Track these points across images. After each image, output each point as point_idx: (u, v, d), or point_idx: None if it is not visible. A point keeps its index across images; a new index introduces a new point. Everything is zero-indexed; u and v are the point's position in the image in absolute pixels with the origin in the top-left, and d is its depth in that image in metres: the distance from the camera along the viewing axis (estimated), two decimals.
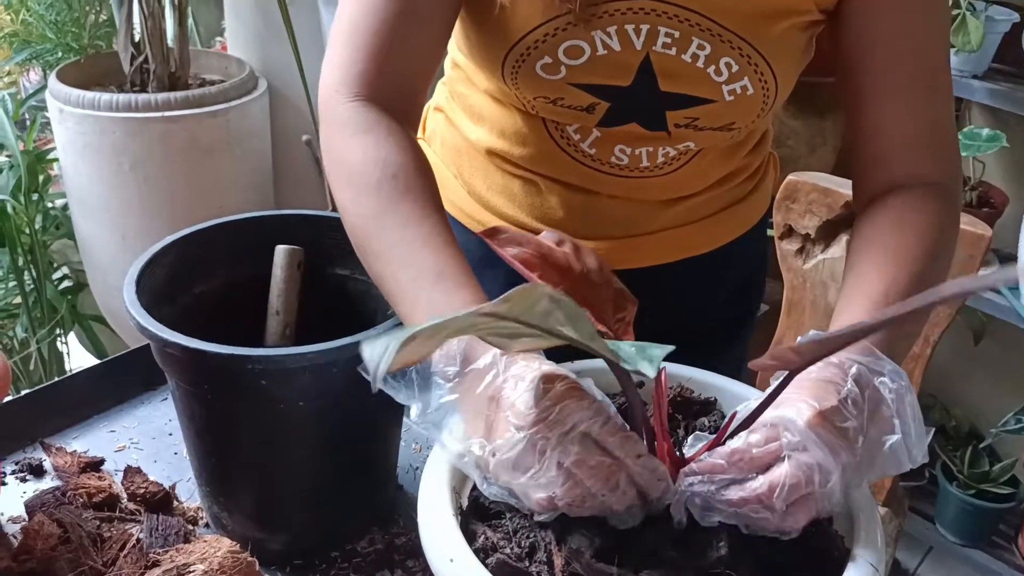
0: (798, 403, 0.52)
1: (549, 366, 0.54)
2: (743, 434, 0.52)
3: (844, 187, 1.30)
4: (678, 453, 0.55)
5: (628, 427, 0.52)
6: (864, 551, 0.51)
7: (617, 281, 0.57)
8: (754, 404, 0.54)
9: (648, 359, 0.46)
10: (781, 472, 0.50)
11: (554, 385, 0.51)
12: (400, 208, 0.65)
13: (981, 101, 1.74)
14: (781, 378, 0.52)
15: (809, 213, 1.33)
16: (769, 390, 0.53)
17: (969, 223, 1.17)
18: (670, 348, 0.47)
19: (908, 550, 2.02)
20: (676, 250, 0.89)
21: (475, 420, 0.54)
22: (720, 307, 0.96)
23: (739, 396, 0.63)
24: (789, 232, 1.36)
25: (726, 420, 0.55)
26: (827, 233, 1.34)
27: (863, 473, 0.53)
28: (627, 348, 0.47)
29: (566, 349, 0.50)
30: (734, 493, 0.50)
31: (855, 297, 0.64)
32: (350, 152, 0.69)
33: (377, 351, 0.40)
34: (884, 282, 0.64)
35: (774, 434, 0.51)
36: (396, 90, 0.72)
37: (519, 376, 0.53)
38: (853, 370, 0.54)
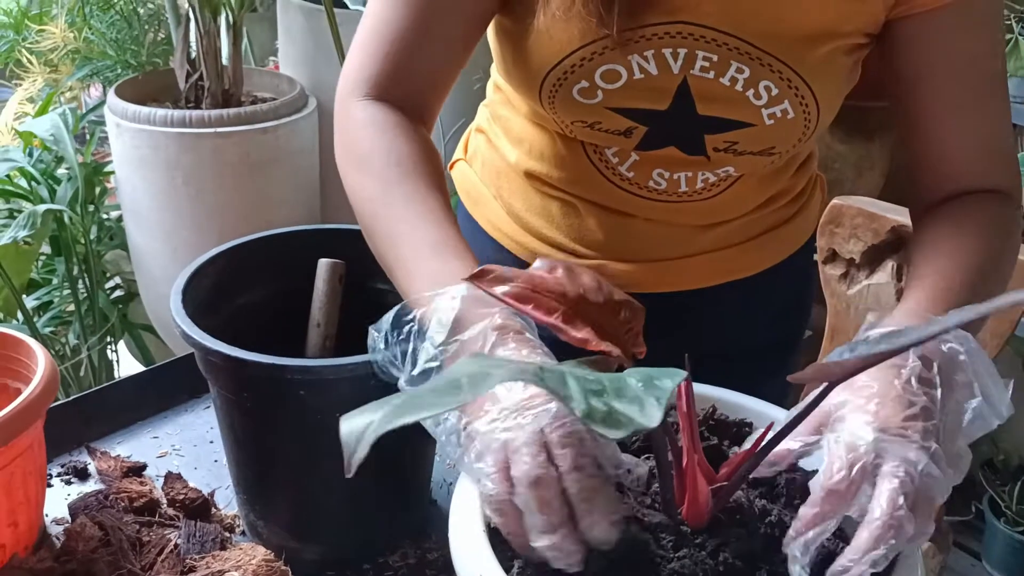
0: (857, 417, 0.52)
1: (539, 358, 0.54)
2: (823, 471, 0.51)
3: (890, 212, 1.28)
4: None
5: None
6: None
7: (619, 292, 0.56)
8: (792, 413, 0.53)
9: (656, 396, 0.42)
10: (885, 495, 0.49)
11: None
12: (403, 188, 0.68)
13: None
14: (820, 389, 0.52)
15: (854, 238, 1.31)
16: (809, 398, 0.52)
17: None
18: (682, 374, 0.46)
19: None
20: (717, 274, 0.88)
21: None
22: (764, 331, 0.95)
23: (772, 419, 0.62)
24: (833, 256, 1.35)
25: (761, 431, 0.54)
26: (872, 258, 1.31)
27: (952, 443, 0.52)
28: (633, 385, 0.44)
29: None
30: (860, 542, 0.48)
31: (912, 301, 0.64)
32: (359, 141, 0.73)
33: (356, 429, 0.34)
34: (942, 286, 0.64)
35: (853, 458, 0.50)
36: (407, 97, 0.75)
37: (507, 360, 0.53)
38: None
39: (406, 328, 0.57)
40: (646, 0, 0.70)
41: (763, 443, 0.53)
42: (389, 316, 0.57)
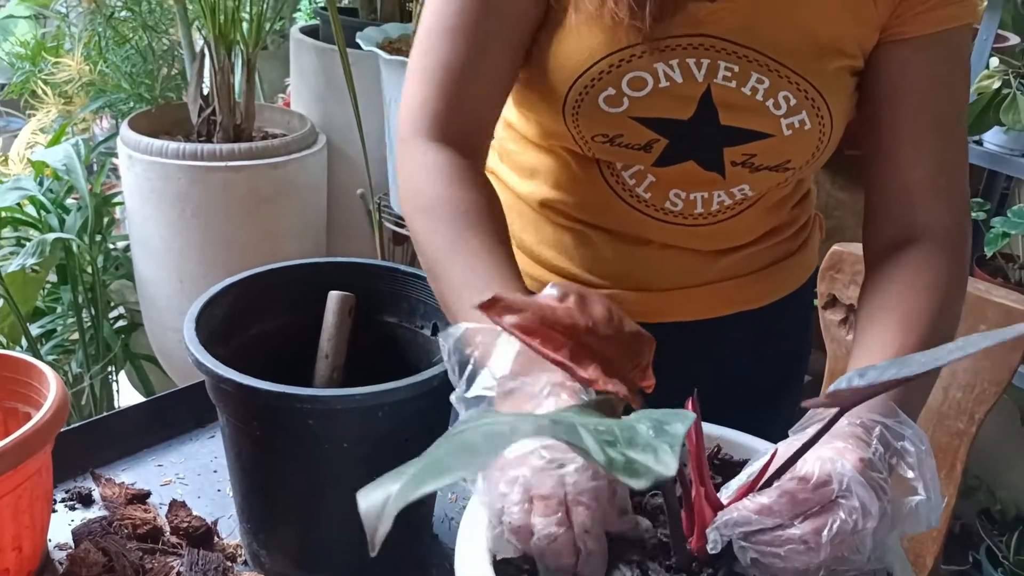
0: (841, 450, 0.54)
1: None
2: (788, 476, 0.53)
3: None
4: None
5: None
6: None
7: (630, 323, 0.56)
8: (796, 444, 0.55)
9: (668, 443, 0.43)
10: (829, 515, 0.52)
11: None
12: (470, 242, 0.69)
13: None
14: (823, 419, 0.54)
15: (853, 284, 1.33)
16: (810, 430, 0.55)
17: (1018, 300, 1.16)
18: (691, 416, 0.47)
19: None
20: (726, 303, 0.90)
21: None
22: (765, 370, 0.96)
23: None
24: (833, 302, 1.36)
25: (765, 461, 0.55)
26: None
27: (889, 529, 0.54)
28: (643, 432, 0.44)
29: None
30: (776, 533, 0.52)
31: (866, 361, 0.67)
32: (426, 188, 0.73)
33: (375, 503, 0.33)
34: (895, 347, 0.67)
35: (824, 477, 0.53)
36: (469, 128, 0.76)
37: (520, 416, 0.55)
38: (876, 431, 0.57)
39: (467, 351, 0.59)
40: (672, 10, 0.73)
41: (768, 472, 0.54)
42: (458, 331, 0.58)
